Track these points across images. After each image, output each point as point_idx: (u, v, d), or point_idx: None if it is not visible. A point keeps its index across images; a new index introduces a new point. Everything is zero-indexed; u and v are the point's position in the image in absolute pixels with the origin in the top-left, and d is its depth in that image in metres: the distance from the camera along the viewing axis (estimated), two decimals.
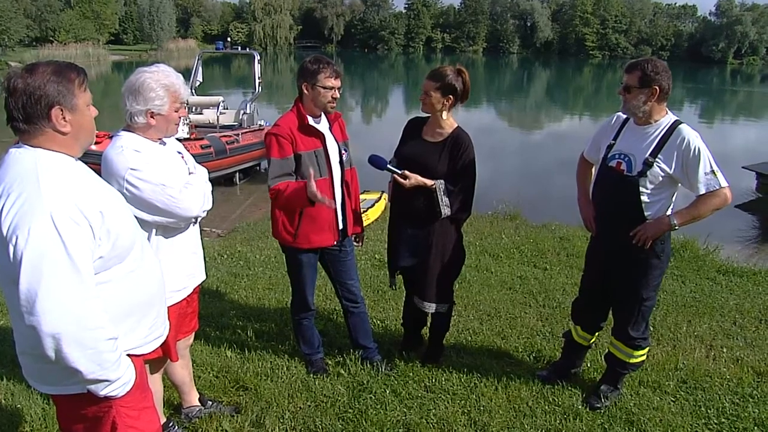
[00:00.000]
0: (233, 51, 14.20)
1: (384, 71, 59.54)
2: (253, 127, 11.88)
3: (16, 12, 54.38)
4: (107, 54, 61.71)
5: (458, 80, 3.31)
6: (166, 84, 2.51)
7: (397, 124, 15.42)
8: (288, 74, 47.91)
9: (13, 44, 53.24)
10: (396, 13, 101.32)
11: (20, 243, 1.60)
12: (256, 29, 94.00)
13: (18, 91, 1.72)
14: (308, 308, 3.63)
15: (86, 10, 72.71)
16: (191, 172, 2.67)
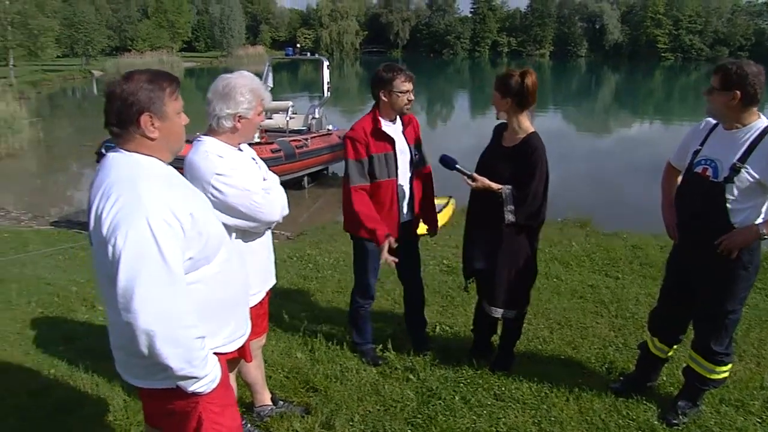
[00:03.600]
0: (302, 57, 14.46)
1: (449, 76, 59.32)
2: (322, 132, 12.04)
3: (100, 24, 57.21)
4: (180, 61, 63.87)
5: (518, 82, 3.29)
6: (253, 88, 2.61)
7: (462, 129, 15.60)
8: (353, 79, 48.39)
9: (96, 53, 55.98)
10: (461, 17, 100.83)
11: (119, 243, 1.69)
12: (323, 35, 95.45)
13: (114, 96, 1.82)
14: (369, 296, 3.90)
15: (162, 20, 75.68)
16: (264, 177, 2.76)
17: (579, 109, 30.42)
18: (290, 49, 13.25)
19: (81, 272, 5.83)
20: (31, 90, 31.42)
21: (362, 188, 3.54)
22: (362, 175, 3.53)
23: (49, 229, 8.47)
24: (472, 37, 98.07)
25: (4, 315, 4.81)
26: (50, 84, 39.57)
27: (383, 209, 3.61)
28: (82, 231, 8.12)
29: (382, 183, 3.57)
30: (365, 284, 3.84)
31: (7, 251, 6.67)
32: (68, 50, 53.85)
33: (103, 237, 1.73)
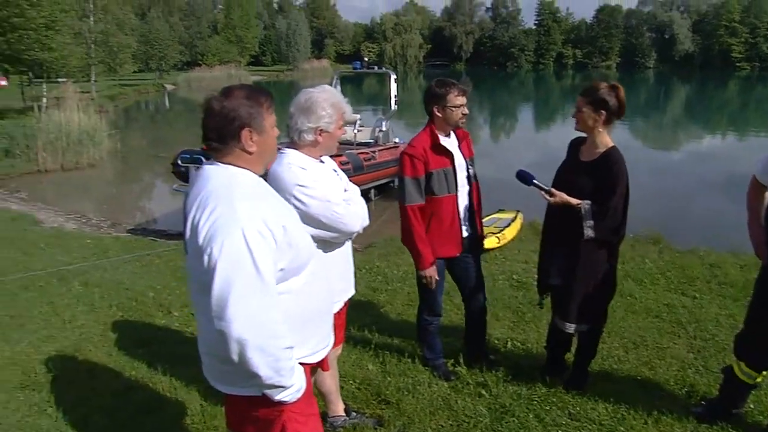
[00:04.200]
0: (369, 70, 14.58)
1: (513, 89, 58.74)
2: (388, 145, 12.10)
3: (173, 40, 59.61)
4: (248, 74, 65.59)
5: (611, 95, 3.23)
6: (334, 102, 2.66)
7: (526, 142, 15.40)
8: (416, 92, 48.45)
9: (169, 68, 58.33)
10: (526, 29, 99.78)
11: (214, 253, 1.75)
12: (387, 48, 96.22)
13: (214, 113, 1.89)
14: (436, 313, 3.87)
15: (230, 36, 78.05)
16: (345, 189, 2.80)
17: (647, 122, 29.52)
18: (358, 63, 13.37)
19: (157, 279, 6.04)
20: (110, 103, 32.92)
21: (418, 207, 3.52)
22: (418, 193, 3.50)
23: (126, 236, 8.82)
24: (537, 50, 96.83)
25: (88, 317, 5.04)
26: (126, 97, 41.37)
27: (444, 225, 3.58)
28: (157, 239, 8.42)
29: (443, 199, 3.54)
30: (431, 301, 3.82)
31: (90, 256, 6.99)
32: (143, 65, 56.30)
33: (198, 246, 1.79)
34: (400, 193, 3.57)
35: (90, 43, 36.39)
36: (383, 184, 11.79)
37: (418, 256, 3.54)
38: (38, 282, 5.90)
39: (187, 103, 45.34)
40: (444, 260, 3.68)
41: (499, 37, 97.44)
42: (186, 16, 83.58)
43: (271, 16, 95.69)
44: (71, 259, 6.82)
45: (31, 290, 5.71)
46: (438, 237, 3.57)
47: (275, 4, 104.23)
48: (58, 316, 5.08)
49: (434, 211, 3.55)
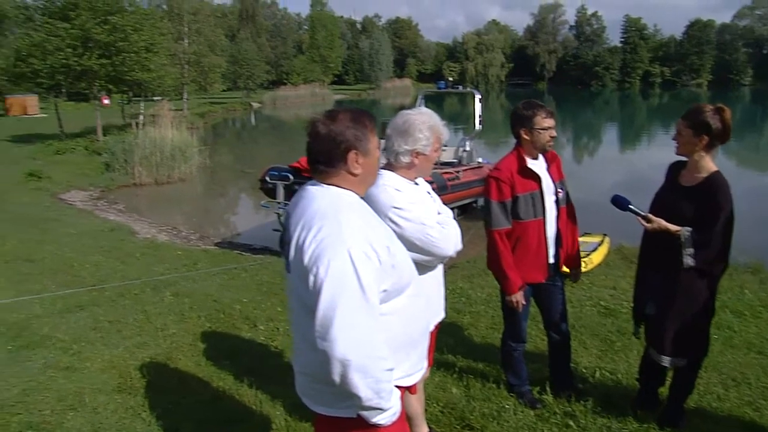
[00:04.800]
0: (454, 90, 14.58)
1: (597, 108, 57.27)
2: (472, 165, 12.02)
3: (260, 60, 61.98)
4: (331, 93, 67.17)
5: (715, 118, 3.07)
6: (432, 125, 2.67)
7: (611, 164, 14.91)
8: (498, 112, 48.12)
9: (255, 87, 60.55)
10: (611, 47, 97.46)
11: (321, 273, 1.76)
12: (468, 68, 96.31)
13: (321, 136, 1.92)
14: (521, 339, 3.77)
15: (315, 55, 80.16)
16: (439, 211, 2.79)
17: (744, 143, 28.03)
18: (442, 83, 13.40)
19: (243, 292, 6.21)
20: (200, 120, 34.44)
21: (504, 231, 3.44)
22: (505, 217, 3.43)
23: (214, 249, 9.16)
24: (622, 68, 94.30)
25: (179, 326, 5.23)
26: (215, 115, 43.19)
27: (530, 251, 3.49)
28: (243, 253, 8.69)
29: (529, 223, 3.45)
30: (516, 327, 3.73)
31: (180, 268, 7.29)
32: (232, 84, 58.76)
33: (304, 266, 1.81)
34: (486, 217, 3.51)
35: (184, 63, 38.40)
36: (466, 204, 11.70)
37: (505, 281, 3.48)
38: (134, 290, 6.20)
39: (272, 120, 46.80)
40: (529, 285, 3.60)
41: (583, 55, 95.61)
42: (272, 37, 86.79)
43: (355, 36, 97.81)
44: (163, 270, 7.14)
45: (127, 298, 6.00)
46: (524, 262, 3.49)
47: (358, 25, 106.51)
48: (151, 323, 5.30)
49: (520, 236, 3.47)
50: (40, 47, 21.01)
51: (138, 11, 24.19)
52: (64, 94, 29.16)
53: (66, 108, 29.29)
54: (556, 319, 3.76)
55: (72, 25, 21.02)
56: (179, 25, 39.17)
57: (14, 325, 5.20)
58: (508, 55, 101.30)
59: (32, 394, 3.97)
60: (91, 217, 11.52)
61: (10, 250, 7.86)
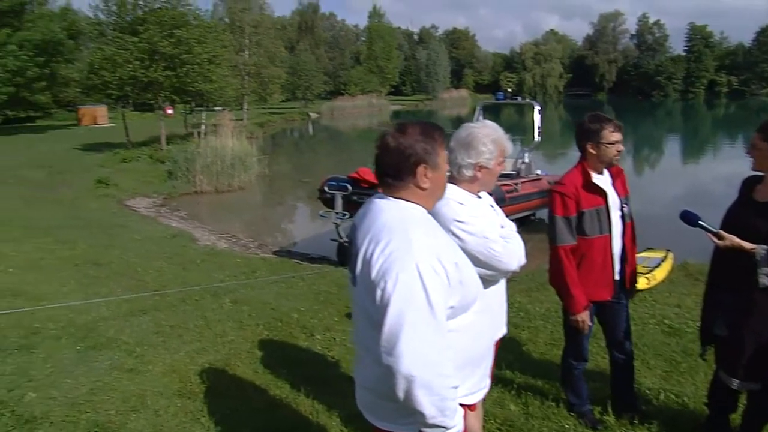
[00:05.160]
0: (513, 101, 14.43)
1: (659, 119, 55.65)
2: (531, 177, 11.87)
3: (318, 71, 63.09)
4: (388, 104, 67.61)
5: None
6: (495, 138, 2.64)
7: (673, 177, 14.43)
8: (556, 123, 47.43)
9: (313, 97, 61.58)
10: (674, 56, 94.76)
11: (388, 287, 1.74)
12: (526, 78, 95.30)
13: (390, 149, 1.92)
14: (582, 358, 3.67)
15: (372, 66, 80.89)
16: (502, 225, 2.75)
17: None
18: (501, 94, 13.28)
19: (301, 301, 6.28)
20: (259, 130, 35.16)
21: (569, 248, 3.35)
22: (569, 233, 3.34)
23: (272, 257, 9.31)
24: (686, 77, 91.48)
25: (237, 333, 5.32)
26: (274, 125, 44.01)
27: (595, 268, 3.39)
28: (300, 262, 8.80)
29: (595, 240, 3.35)
30: (578, 345, 3.63)
31: (239, 275, 7.43)
32: (290, 95, 59.89)
33: (371, 280, 1.80)
34: (551, 233, 3.43)
35: (244, 74, 39.43)
36: (524, 217, 11.55)
37: (570, 299, 3.39)
38: (194, 296, 6.34)
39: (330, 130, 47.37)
40: (593, 303, 3.49)
41: (645, 65, 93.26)
42: (331, 48, 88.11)
43: (412, 47, 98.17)
44: (223, 277, 7.30)
45: (188, 303, 6.14)
46: (589, 280, 3.39)
47: (416, 36, 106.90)
48: (211, 330, 5.40)
49: (585, 253, 3.38)
50: (110, 60, 22.05)
51: (202, 25, 25.09)
52: (131, 105, 30.36)
53: (132, 118, 30.43)
54: (620, 337, 3.64)
55: (140, 39, 21.97)
56: (240, 37, 40.34)
57: (83, 326, 5.39)
58: (567, 65, 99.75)
59: (99, 393, 4.10)
60: (154, 224, 11.90)
61: (80, 254, 8.19)
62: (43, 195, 14.18)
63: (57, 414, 3.80)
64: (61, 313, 5.65)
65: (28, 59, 32.41)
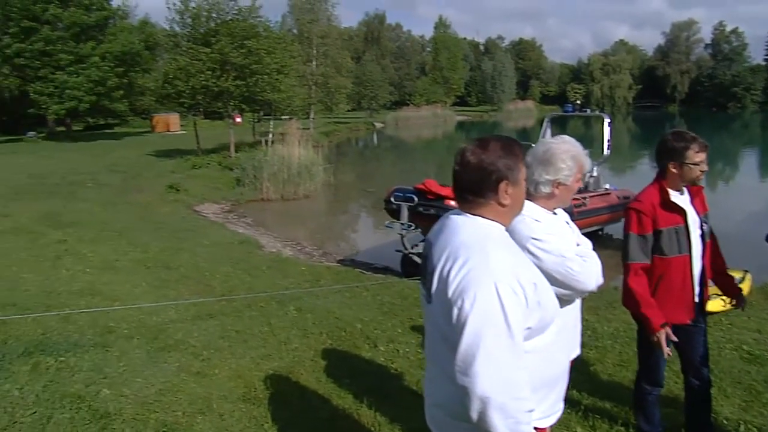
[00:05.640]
0: (582, 113, 14.11)
1: (735, 132, 53.30)
2: (599, 191, 11.58)
3: (383, 81, 63.76)
4: (453, 114, 67.47)
5: None
6: (575, 155, 2.57)
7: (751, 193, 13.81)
8: (625, 135, 46.15)
9: (379, 107, 62.22)
10: (753, 65, 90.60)
11: (466, 306, 1.71)
12: (594, 89, 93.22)
13: (471, 166, 1.88)
14: (657, 383, 3.50)
15: (437, 77, 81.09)
16: (578, 243, 2.66)
17: None
18: (570, 106, 13.02)
19: (364, 311, 6.28)
20: (324, 139, 35.64)
21: (642, 267, 3.21)
22: (644, 252, 3.20)
23: (336, 266, 9.37)
24: (765, 88, 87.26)
25: (302, 341, 5.37)
26: (339, 134, 44.56)
27: (674, 289, 3.24)
28: (364, 272, 8.82)
29: (673, 260, 3.20)
30: (653, 369, 3.46)
31: (304, 283, 7.51)
32: (356, 105, 60.69)
33: (447, 299, 1.77)
34: (624, 251, 3.29)
35: (311, 84, 40.19)
36: (593, 232, 11.26)
37: (646, 319, 3.24)
38: (260, 302, 6.44)
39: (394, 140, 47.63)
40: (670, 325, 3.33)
41: (720, 75, 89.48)
42: (396, 59, 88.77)
43: (477, 57, 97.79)
44: (288, 284, 7.39)
45: (253, 309, 6.24)
46: (667, 302, 3.25)
47: (482, 46, 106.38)
48: (275, 336, 5.47)
49: (663, 273, 3.23)
50: (184, 70, 22.90)
51: (271, 36, 25.79)
52: (202, 113, 31.42)
53: (202, 125, 31.41)
54: (697, 363, 3.46)
55: (212, 50, 22.73)
56: (308, 48, 41.19)
57: (153, 327, 5.56)
58: (636, 76, 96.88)
59: (167, 394, 4.21)
60: (222, 230, 12.19)
61: (151, 257, 8.47)
62: (118, 199, 14.76)
63: (128, 412, 3.93)
64: (133, 313, 5.86)
65: (108, 70, 34.37)
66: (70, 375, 4.41)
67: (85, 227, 10.44)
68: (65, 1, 33.98)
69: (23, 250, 8.46)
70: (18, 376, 4.33)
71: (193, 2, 24.17)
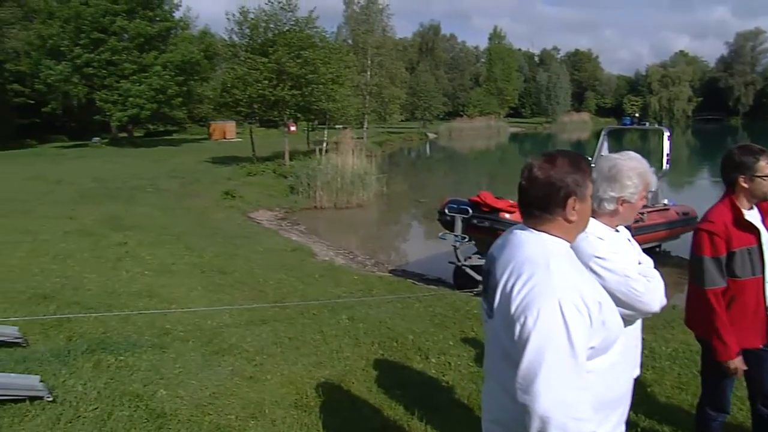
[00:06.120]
0: (641, 126, 13.72)
1: None
2: (658, 207, 11.25)
3: (437, 92, 63.94)
4: (506, 126, 66.99)
5: None
6: (641, 172, 2.50)
7: None
8: (684, 149, 44.84)
9: (432, 118, 62.30)
10: None
11: (528, 323, 1.69)
12: (652, 102, 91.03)
13: (539, 181, 1.85)
14: (723, 409, 3.33)
15: (491, 88, 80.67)
16: (640, 261, 2.58)
17: None
18: (628, 119, 12.67)
19: (416, 322, 6.24)
20: (377, 149, 35.83)
21: (719, 291, 3.06)
22: (720, 275, 3.06)
23: (388, 275, 9.36)
24: None
25: (353, 350, 5.37)
26: (392, 144, 44.76)
27: (747, 312, 3.09)
28: (416, 283, 8.78)
29: (746, 282, 3.06)
30: (719, 395, 3.30)
31: (356, 292, 7.52)
32: (409, 115, 60.87)
33: (510, 315, 1.75)
34: (698, 276, 3.14)
35: (365, 94, 40.57)
36: (650, 248, 10.94)
37: (722, 346, 3.08)
38: (312, 310, 6.48)
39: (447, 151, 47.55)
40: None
41: None
42: (450, 70, 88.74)
43: (532, 68, 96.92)
44: (340, 293, 7.41)
45: (305, 317, 6.28)
46: (739, 325, 3.09)
47: (536, 58, 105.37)
48: (327, 345, 5.48)
49: (736, 296, 3.09)
50: (242, 79, 23.49)
51: (327, 46, 26.17)
52: (257, 121, 32.12)
53: (257, 133, 32.02)
54: (766, 389, 3.28)
55: (269, 60, 23.19)
56: (363, 58, 41.60)
57: (208, 331, 5.65)
58: (696, 88, 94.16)
59: (221, 397, 4.27)
60: (275, 236, 12.36)
61: (207, 262, 8.64)
62: (176, 204, 15.15)
63: (184, 413, 3.99)
64: (189, 316, 5.97)
65: (169, 78, 35.65)
66: (129, 374, 4.52)
67: (145, 231, 10.74)
68: (131, 14, 35.44)
69: (87, 251, 8.75)
70: (82, 372, 4.46)
71: (251, 13, 24.85)
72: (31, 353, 4.78)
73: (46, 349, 4.88)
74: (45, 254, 8.40)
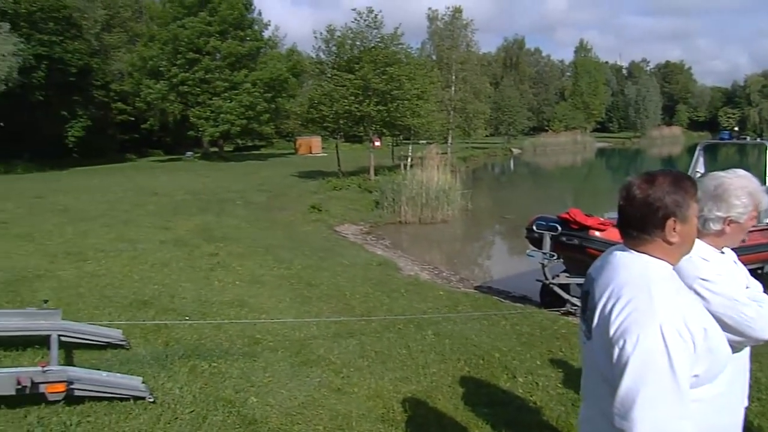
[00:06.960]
0: (740, 141, 12.97)
1: None
2: (761, 226, 10.58)
3: (522, 106, 63.23)
4: (593, 141, 65.18)
5: None
6: (751, 191, 2.37)
7: None
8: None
9: (516, 133, 61.56)
10: None
11: (628, 348, 1.63)
12: (750, 114, 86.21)
13: (637, 201, 1.80)
14: None
15: (577, 102, 78.79)
16: (747, 285, 2.43)
17: None
18: (726, 133, 11.99)
19: (503, 340, 6.13)
20: (462, 164, 35.72)
21: None
22: None
23: (473, 292, 9.26)
24: None
25: (439, 366, 5.32)
26: (476, 160, 44.48)
27: None
28: (502, 300, 8.66)
29: None
30: None
31: (442, 308, 7.48)
32: (494, 130, 60.38)
33: (609, 338, 1.70)
34: None
35: (450, 109, 40.60)
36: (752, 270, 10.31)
37: None
38: (398, 325, 6.49)
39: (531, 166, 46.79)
40: None
41: None
42: (535, 84, 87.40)
43: (620, 82, 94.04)
44: (426, 308, 7.39)
45: (391, 331, 6.29)
46: None
47: (624, 70, 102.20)
48: (413, 360, 5.47)
49: None
50: (328, 96, 24.08)
51: (412, 62, 26.40)
52: (343, 137, 32.77)
53: (342, 148, 32.62)
54: None
55: (355, 76, 23.63)
56: (448, 74, 41.68)
57: (296, 342, 5.77)
58: None
59: (309, 408, 4.33)
60: (361, 251, 12.49)
61: (294, 274, 8.83)
62: (264, 216, 15.61)
63: (274, 421, 4.09)
64: (278, 327, 6.13)
65: (258, 95, 37.11)
66: (222, 380, 4.68)
67: (235, 242, 11.11)
68: (224, 34, 37.23)
69: (181, 260, 9.15)
70: (178, 376, 4.67)
71: (338, 31, 25.41)
72: (133, 355, 5.06)
73: (146, 352, 5.15)
74: (144, 262, 8.85)
